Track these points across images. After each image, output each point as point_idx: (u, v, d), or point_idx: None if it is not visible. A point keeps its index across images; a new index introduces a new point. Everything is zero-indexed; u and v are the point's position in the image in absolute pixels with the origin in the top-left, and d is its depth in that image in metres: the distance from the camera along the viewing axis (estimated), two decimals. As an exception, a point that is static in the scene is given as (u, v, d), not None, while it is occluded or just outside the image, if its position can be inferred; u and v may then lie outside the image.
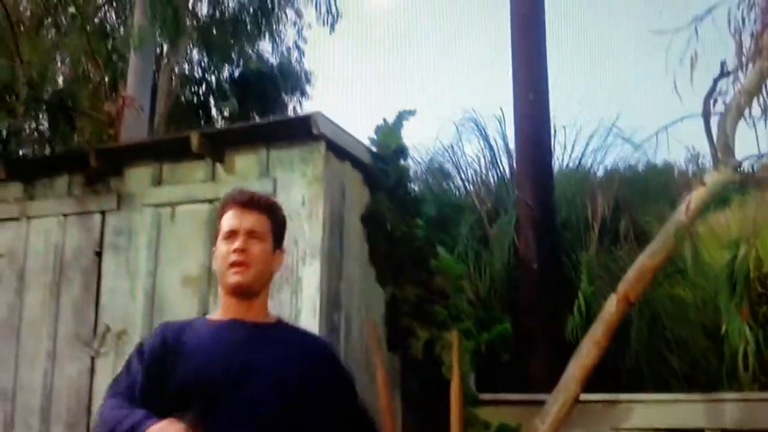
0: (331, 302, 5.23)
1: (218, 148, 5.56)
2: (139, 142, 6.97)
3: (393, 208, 5.85)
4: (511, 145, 8.52)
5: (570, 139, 9.21)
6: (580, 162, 9.31)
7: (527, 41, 7.75)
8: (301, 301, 5.12)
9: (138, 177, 5.85)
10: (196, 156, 5.58)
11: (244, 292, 2.19)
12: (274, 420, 2.04)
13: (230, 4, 9.84)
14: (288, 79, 12.61)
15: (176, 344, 2.14)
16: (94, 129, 8.24)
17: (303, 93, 12.85)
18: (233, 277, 2.16)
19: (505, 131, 8.76)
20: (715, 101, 4.75)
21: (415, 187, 7.38)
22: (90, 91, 9.15)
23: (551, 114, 7.72)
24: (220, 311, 2.26)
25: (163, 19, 8.23)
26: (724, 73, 4.82)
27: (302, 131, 5.26)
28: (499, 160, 8.75)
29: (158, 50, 9.37)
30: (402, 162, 6.01)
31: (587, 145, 9.25)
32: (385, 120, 6.10)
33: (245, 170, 5.53)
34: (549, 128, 7.85)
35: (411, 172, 6.63)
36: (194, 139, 5.43)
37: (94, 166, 5.84)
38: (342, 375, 2.30)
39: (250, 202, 2.26)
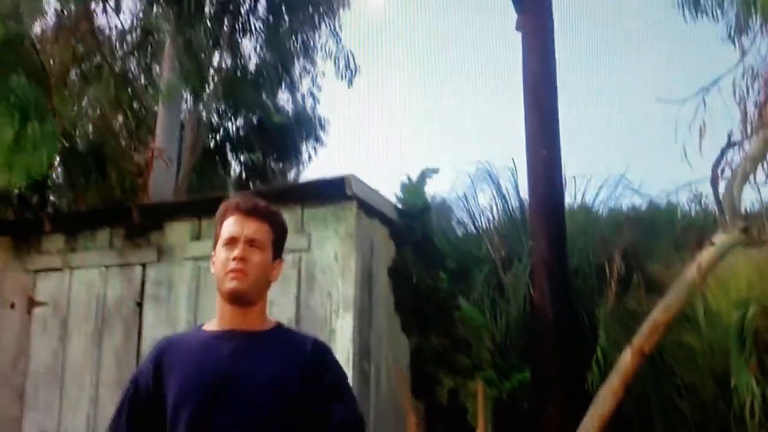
0: (363, 352, 5.55)
1: (255, 205, 5.91)
2: (181, 201, 7.34)
3: (418, 261, 6.19)
4: (523, 194, 8.90)
5: (580, 189, 9.57)
6: (590, 206, 9.66)
7: (539, 97, 8.09)
8: (335, 352, 5.42)
9: (178, 231, 6.19)
10: (234, 213, 5.92)
11: (240, 299, 2.18)
12: (274, 422, 2.06)
13: (251, 58, 10.27)
14: (303, 126, 12.97)
15: (171, 361, 2.16)
16: (126, 180, 8.59)
17: (318, 139, 13.21)
18: (231, 283, 2.14)
19: (517, 181, 9.11)
20: (723, 170, 5.11)
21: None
22: (119, 142, 9.51)
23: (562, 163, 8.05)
24: (216, 320, 2.26)
25: (188, 73, 8.63)
26: (730, 144, 5.19)
27: (336, 191, 5.61)
28: (511, 209, 9.07)
29: (184, 102, 9.73)
30: (426, 218, 6.36)
31: (597, 195, 9.60)
32: (409, 178, 6.47)
33: (281, 226, 5.87)
34: (561, 181, 8.17)
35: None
36: (233, 199, 5.78)
37: (137, 221, 6.19)
38: (336, 377, 2.26)
39: (253, 210, 2.26)
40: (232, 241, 2.19)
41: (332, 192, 5.67)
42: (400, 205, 6.28)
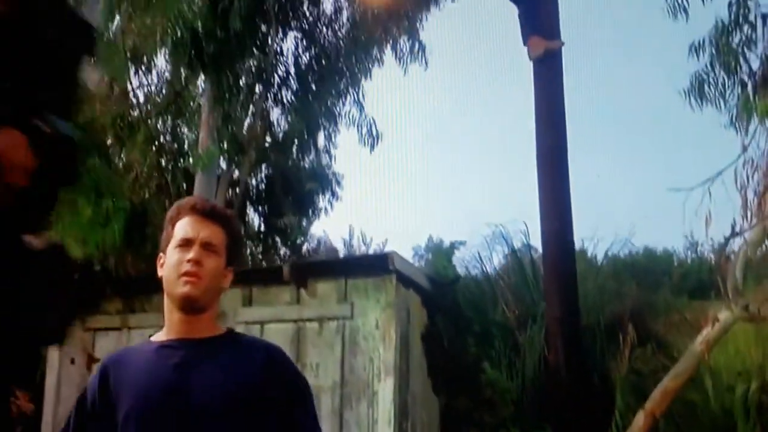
0: (402, 412, 6.14)
1: (303, 276, 6.53)
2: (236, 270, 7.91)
3: (448, 327, 6.80)
4: (534, 254, 9.55)
5: (588, 249, 10.26)
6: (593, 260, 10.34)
7: (552, 171, 8.76)
8: (377, 412, 6.03)
9: (230, 297, 6.77)
10: (283, 282, 6.55)
11: (192, 306, 2.07)
12: (226, 431, 1.98)
13: (281, 125, 10.91)
14: (320, 181, 13.58)
15: (118, 375, 2.06)
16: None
17: (334, 194, 13.82)
18: (183, 288, 2.03)
19: (530, 244, 9.77)
20: (728, 257, 5.75)
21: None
22: (160, 204, 10.09)
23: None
24: (164, 330, 2.14)
25: (225, 142, 9.29)
26: (734, 233, 5.84)
27: (378, 266, 6.24)
28: (525, 271, 9.69)
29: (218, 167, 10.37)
30: (455, 287, 6.99)
31: (605, 256, 10.28)
32: (438, 249, 7.11)
33: (326, 295, 6.49)
34: (572, 247, 8.81)
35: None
36: (285, 271, 6.41)
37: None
38: (292, 381, 2.17)
39: (210, 213, 2.15)
40: (186, 243, 2.08)
41: (375, 266, 6.30)
42: (428, 273, 6.89)
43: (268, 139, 11.21)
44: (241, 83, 9.86)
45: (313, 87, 10.48)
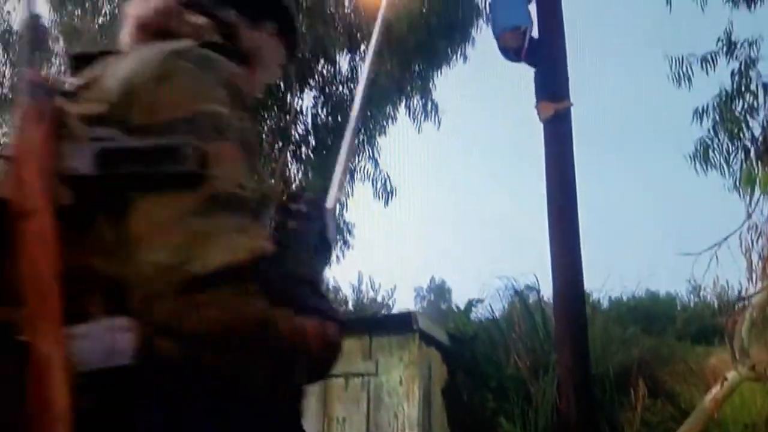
0: (425, 466, 6.44)
1: (328, 333, 6.85)
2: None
3: (467, 381, 7.11)
4: (544, 306, 9.89)
5: (593, 295, 10.61)
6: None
7: (563, 227, 9.11)
8: (402, 465, 6.33)
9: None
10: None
11: None
12: None
13: (298, 180, 11.26)
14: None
15: None
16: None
17: (345, 242, 14.16)
18: None
19: (540, 295, 10.11)
20: (735, 321, 6.08)
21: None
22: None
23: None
24: None
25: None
26: (740, 298, 6.18)
27: (402, 325, 6.58)
28: (535, 322, 10.01)
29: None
30: (474, 343, 7.31)
31: (609, 300, 10.63)
32: (458, 306, 7.44)
33: (351, 352, 6.79)
34: (583, 299, 9.14)
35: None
36: (311, 329, 6.73)
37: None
38: None
39: None
40: None
41: (399, 325, 6.63)
42: (450, 332, 7.22)
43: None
44: (262, 141, 10.24)
45: (330, 143, 10.85)
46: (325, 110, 11.24)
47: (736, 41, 7.71)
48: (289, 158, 10.88)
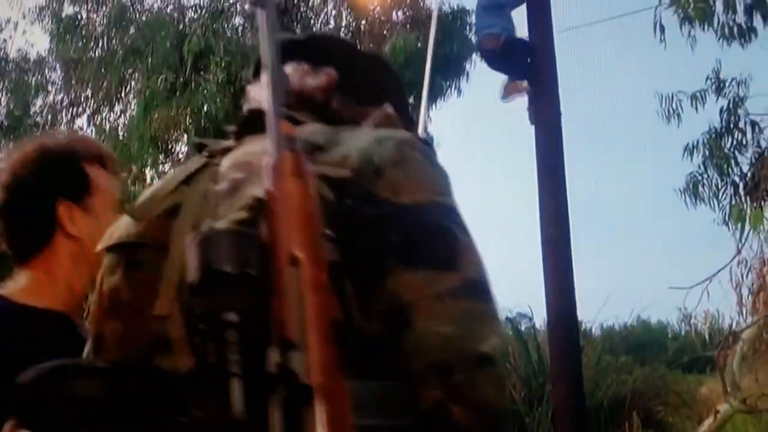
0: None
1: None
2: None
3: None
4: (538, 336, 10.04)
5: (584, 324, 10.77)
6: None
7: (556, 260, 9.24)
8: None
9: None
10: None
11: None
12: None
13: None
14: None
15: None
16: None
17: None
18: None
19: (534, 325, 10.27)
20: (727, 355, 6.23)
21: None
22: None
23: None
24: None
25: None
26: (731, 332, 6.33)
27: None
28: (530, 353, 10.15)
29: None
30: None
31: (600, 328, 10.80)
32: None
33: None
34: (578, 331, 9.26)
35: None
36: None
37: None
38: None
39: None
40: (118, 207, 1.74)
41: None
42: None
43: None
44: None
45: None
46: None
47: (724, 79, 7.91)
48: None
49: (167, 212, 1.22)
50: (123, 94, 13.09)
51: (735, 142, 7.75)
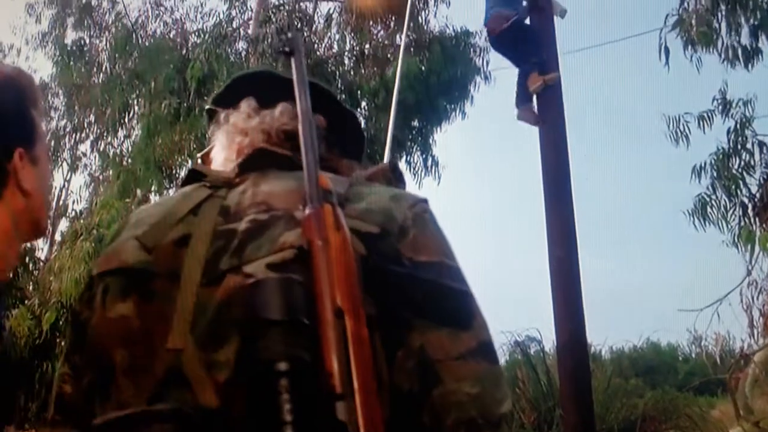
0: None
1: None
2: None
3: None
4: (547, 359, 9.96)
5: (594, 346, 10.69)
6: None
7: (565, 281, 9.21)
8: None
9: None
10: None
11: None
12: None
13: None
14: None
15: None
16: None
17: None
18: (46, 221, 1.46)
19: (543, 348, 10.19)
20: (738, 377, 6.17)
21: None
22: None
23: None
24: None
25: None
26: (742, 355, 6.27)
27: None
28: (539, 377, 10.07)
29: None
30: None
31: (610, 350, 10.70)
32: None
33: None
34: (587, 355, 9.21)
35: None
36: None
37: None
38: None
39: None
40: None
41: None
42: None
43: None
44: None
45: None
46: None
47: (731, 100, 7.90)
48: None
49: (177, 242, 1.21)
50: (126, 120, 13.09)
51: (743, 163, 7.72)
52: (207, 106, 1.60)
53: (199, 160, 1.55)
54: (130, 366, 1.16)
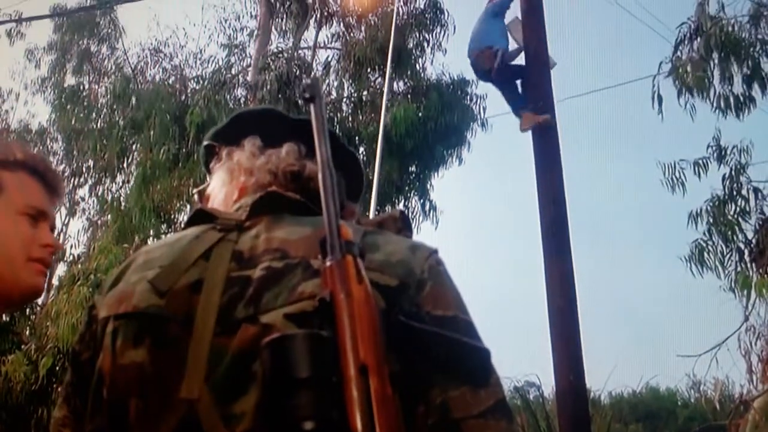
0: None
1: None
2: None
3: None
4: (546, 404, 9.92)
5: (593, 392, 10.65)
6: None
7: (564, 329, 9.21)
8: None
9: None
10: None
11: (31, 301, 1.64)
12: None
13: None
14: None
15: None
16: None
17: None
18: (36, 279, 1.49)
19: (542, 394, 10.16)
20: (738, 423, 6.17)
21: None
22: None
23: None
24: None
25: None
26: (742, 401, 6.28)
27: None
28: (538, 422, 10.01)
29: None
30: None
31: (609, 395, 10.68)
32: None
33: None
34: (586, 399, 9.17)
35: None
36: None
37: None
38: None
39: (60, 187, 1.60)
40: (40, 217, 1.52)
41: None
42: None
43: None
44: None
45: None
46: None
47: (725, 147, 8.00)
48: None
49: (190, 287, 1.19)
50: (125, 165, 13.14)
51: (738, 210, 7.79)
52: (206, 142, 1.54)
53: (196, 196, 1.53)
54: (144, 415, 1.14)
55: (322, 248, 1.04)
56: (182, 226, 1.39)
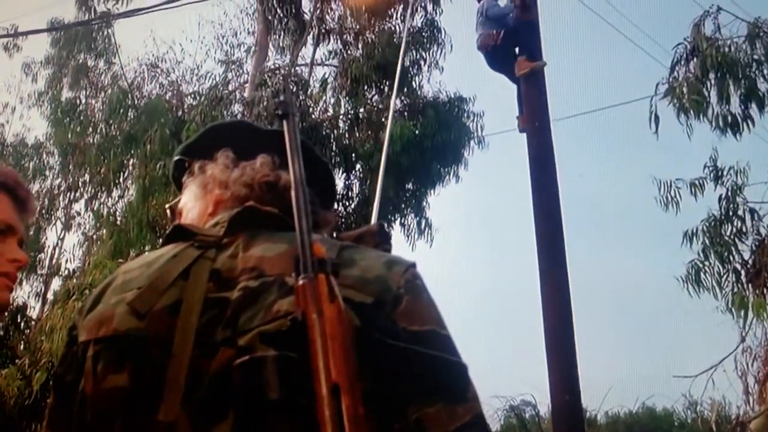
0: None
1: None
2: None
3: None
4: (543, 424, 9.89)
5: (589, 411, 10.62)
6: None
7: (560, 347, 9.19)
8: None
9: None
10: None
11: None
12: None
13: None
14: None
15: None
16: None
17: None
18: (1, 293, 1.53)
19: (538, 413, 10.14)
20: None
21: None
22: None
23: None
24: None
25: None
26: (738, 422, 6.26)
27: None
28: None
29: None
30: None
31: (605, 415, 10.62)
32: None
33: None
34: (582, 419, 9.14)
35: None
36: None
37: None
38: None
39: (28, 204, 1.60)
40: (8, 232, 1.53)
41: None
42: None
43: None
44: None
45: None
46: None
47: (722, 167, 8.02)
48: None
49: (169, 308, 1.19)
50: (121, 180, 13.11)
51: (735, 230, 7.80)
52: (176, 156, 1.54)
53: (168, 212, 1.52)
54: None
55: (295, 267, 1.04)
56: (160, 242, 1.38)
